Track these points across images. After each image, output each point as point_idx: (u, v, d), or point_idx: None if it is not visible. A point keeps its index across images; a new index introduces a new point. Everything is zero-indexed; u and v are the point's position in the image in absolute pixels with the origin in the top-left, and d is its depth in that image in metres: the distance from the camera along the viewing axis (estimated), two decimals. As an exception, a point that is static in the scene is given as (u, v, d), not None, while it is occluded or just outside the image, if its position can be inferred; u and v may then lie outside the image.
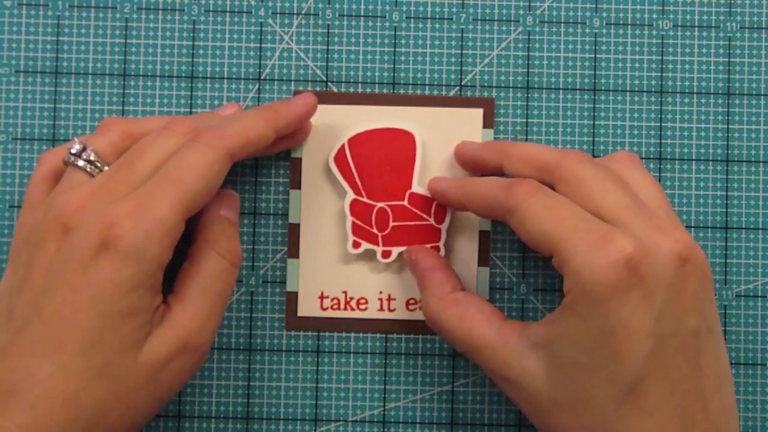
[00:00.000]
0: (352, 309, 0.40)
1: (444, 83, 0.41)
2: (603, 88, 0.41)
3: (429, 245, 0.40)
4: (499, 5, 0.41)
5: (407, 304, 0.40)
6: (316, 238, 0.40)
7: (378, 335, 0.41)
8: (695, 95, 0.41)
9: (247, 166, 0.41)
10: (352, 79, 0.41)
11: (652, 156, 0.41)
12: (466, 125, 0.40)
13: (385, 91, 0.41)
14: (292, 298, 0.40)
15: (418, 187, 0.40)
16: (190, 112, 0.41)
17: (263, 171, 0.41)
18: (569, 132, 0.41)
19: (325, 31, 0.41)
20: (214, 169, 0.35)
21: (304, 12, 0.41)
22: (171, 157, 0.35)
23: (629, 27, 0.41)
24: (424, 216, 0.40)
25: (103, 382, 0.33)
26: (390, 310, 0.40)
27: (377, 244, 0.40)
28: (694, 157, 0.41)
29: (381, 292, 0.40)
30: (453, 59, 0.41)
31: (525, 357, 0.34)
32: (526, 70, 0.41)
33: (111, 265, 0.32)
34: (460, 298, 0.37)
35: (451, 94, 0.41)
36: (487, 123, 0.40)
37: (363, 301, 0.40)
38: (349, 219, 0.40)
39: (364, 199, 0.40)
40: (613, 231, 0.32)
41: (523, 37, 0.41)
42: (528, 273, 0.41)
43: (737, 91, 0.41)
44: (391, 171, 0.40)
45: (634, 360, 0.31)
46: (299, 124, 0.39)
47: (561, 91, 0.41)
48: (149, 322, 0.34)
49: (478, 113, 0.40)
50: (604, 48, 0.41)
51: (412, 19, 0.41)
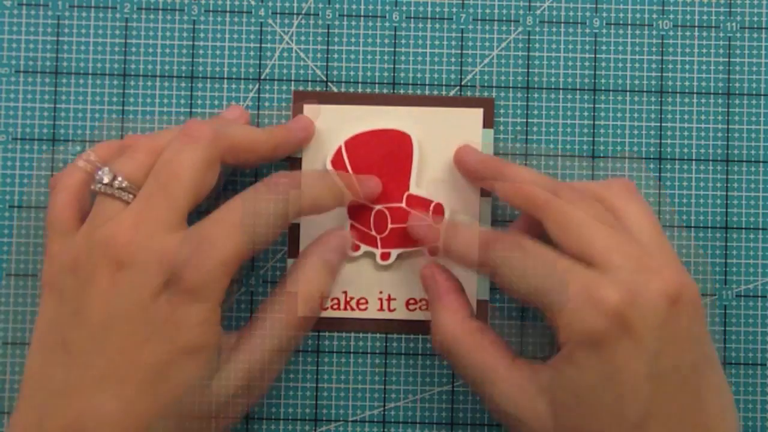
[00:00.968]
0: (352, 309, 0.40)
1: (444, 83, 0.41)
2: (603, 88, 0.41)
3: (428, 246, 0.40)
4: (499, 5, 0.41)
5: (407, 304, 0.40)
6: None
7: (378, 335, 0.41)
8: (695, 95, 0.41)
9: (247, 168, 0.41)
10: (352, 79, 0.41)
11: (652, 156, 0.41)
12: (466, 125, 0.40)
13: (385, 91, 0.41)
14: (292, 298, 0.40)
15: (416, 188, 0.40)
16: (190, 113, 0.41)
17: (264, 172, 0.41)
18: (569, 132, 0.41)
19: (325, 31, 0.41)
20: (281, 217, 0.35)
21: (304, 12, 0.41)
22: (206, 174, 0.35)
23: (629, 27, 0.41)
24: (422, 217, 0.40)
25: (171, 419, 0.33)
26: (390, 310, 0.40)
27: (376, 246, 0.40)
28: (694, 157, 0.41)
29: (381, 292, 0.40)
30: (453, 59, 0.41)
31: (534, 398, 0.34)
32: (526, 70, 0.41)
33: (174, 303, 0.32)
34: (477, 327, 0.36)
35: (451, 94, 0.41)
36: (487, 123, 0.40)
37: (363, 301, 0.40)
38: (348, 222, 0.40)
39: (363, 202, 0.40)
40: (597, 280, 0.32)
41: (523, 37, 0.41)
42: (528, 273, 0.41)
43: (737, 91, 0.41)
44: (388, 173, 0.40)
45: (636, 402, 0.32)
46: (298, 148, 0.40)
47: (561, 91, 0.41)
48: (215, 358, 0.34)
49: (478, 113, 0.40)
50: (604, 48, 0.41)
51: (412, 19, 0.41)
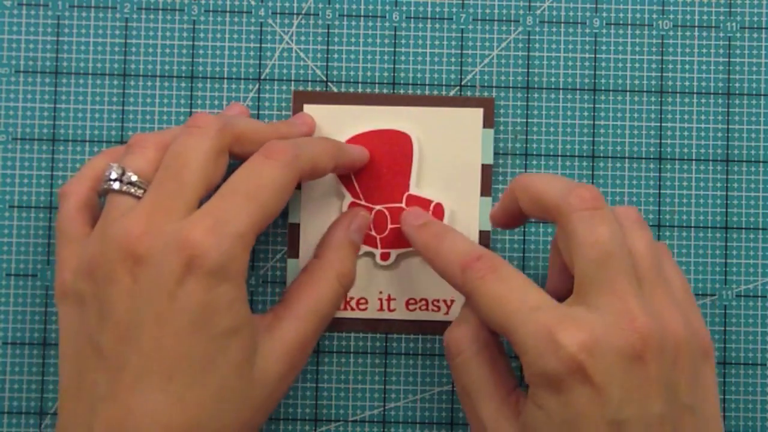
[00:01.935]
0: (352, 309, 0.40)
1: (444, 83, 0.41)
2: (603, 88, 0.41)
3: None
4: (499, 5, 0.41)
5: (407, 304, 0.40)
6: (316, 238, 0.40)
7: (378, 335, 0.41)
8: (695, 95, 0.41)
9: (247, 166, 0.41)
10: (352, 79, 0.41)
11: (652, 156, 0.41)
12: (465, 125, 0.40)
13: (385, 91, 0.41)
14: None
15: (416, 189, 0.40)
16: (190, 113, 0.41)
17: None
18: (569, 132, 0.41)
19: (325, 31, 0.41)
20: (288, 189, 0.34)
21: (304, 12, 0.41)
22: (215, 163, 0.34)
23: (629, 27, 0.41)
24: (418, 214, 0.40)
25: (225, 405, 0.32)
26: (390, 310, 0.40)
27: (376, 246, 0.40)
28: (694, 157, 0.41)
29: (381, 293, 0.40)
30: (453, 59, 0.41)
31: None
32: (526, 70, 0.41)
33: (201, 287, 0.32)
34: (491, 343, 0.35)
35: (451, 94, 0.41)
36: (488, 123, 0.40)
37: (363, 301, 0.40)
38: None
39: (362, 202, 0.40)
40: (560, 323, 0.31)
41: (523, 37, 0.41)
42: (528, 273, 0.41)
43: (737, 91, 0.41)
44: (388, 173, 0.40)
45: None
46: (352, 169, 0.40)
47: (561, 91, 0.41)
48: (253, 335, 0.34)
49: (478, 113, 0.40)
50: (604, 48, 0.41)
51: (412, 19, 0.41)
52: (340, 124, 0.40)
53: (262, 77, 0.41)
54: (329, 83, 0.41)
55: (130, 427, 0.31)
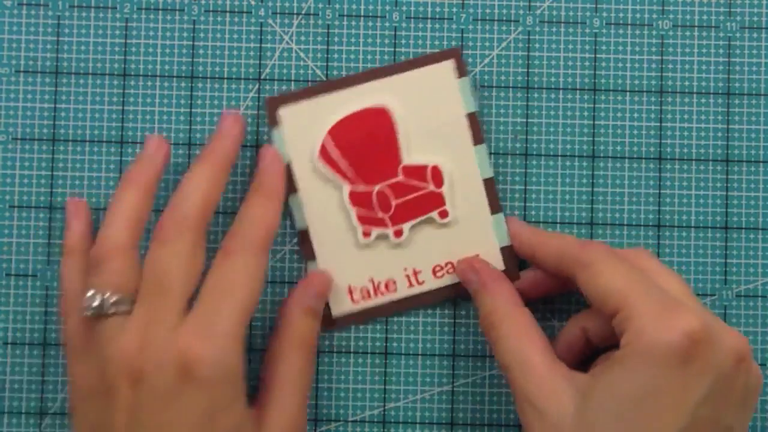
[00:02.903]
0: (382, 293, 0.40)
1: (444, 83, 0.41)
2: (603, 88, 0.41)
3: (437, 210, 0.40)
4: (499, 5, 0.41)
5: (434, 271, 0.40)
6: (327, 236, 0.40)
7: (378, 336, 0.41)
8: (695, 95, 0.41)
9: (243, 172, 0.41)
10: (352, 79, 0.41)
11: (652, 156, 0.41)
12: (439, 81, 0.40)
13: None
14: (331, 280, 0.40)
15: (408, 158, 0.40)
16: (190, 112, 0.41)
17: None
18: (569, 132, 0.41)
19: (325, 31, 0.41)
20: (260, 270, 0.36)
21: (304, 12, 0.41)
22: (196, 257, 0.35)
23: (629, 27, 0.41)
24: (423, 185, 0.40)
25: None
26: (419, 283, 0.40)
27: (386, 226, 0.40)
28: (694, 157, 0.41)
29: (406, 269, 0.40)
30: (453, 59, 0.41)
31: (566, 395, 0.34)
32: (526, 70, 0.41)
33: (198, 394, 0.33)
34: (528, 314, 0.37)
35: (451, 94, 0.41)
36: (460, 72, 0.40)
37: (391, 282, 0.40)
38: (352, 210, 0.40)
39: (361, 187, 0.40)
40: (682, 305, 0.33)
41: (523, 37, 0.41)
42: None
43: (737, 91, 0.41)
44: (377, 151, 0.40)
45: (665, 430, 0.32)
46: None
47: (561, 91, 0.41)
48: (252, 430, 0.35)
49: (449, 65, 0.40)
50: (604, 48, 0.41)
51: (412, 19, 0.41)
52: (317, 118, 0.40)
53: (262, 77, 0.41)
54: (329, 83, 0.41)
55: None
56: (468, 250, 0.40)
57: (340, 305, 0.40)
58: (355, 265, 0.40)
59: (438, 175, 0.40)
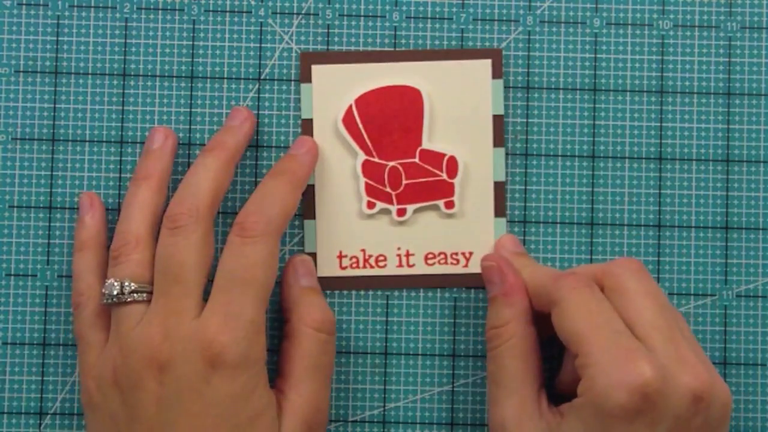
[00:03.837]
0: (371, 266, 0.40)
1: (444, 83, 0.41)
2: (603, 88, 0.41)
3: (444, 200, 0.40)
4: (499, 5, 0.41)
5: (426, 258, 0.40)
6: (332, 198, 0.40)
7: (378, 336, 0.41)
8: (695, 95, 0.41)
9: (247, 166, 0.41)
10: (352, 79, 0.41)
11: (652, 156, 0.41)
12: (474, 77, 0.40)
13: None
14: (311, 258, 0.40)
15: (428, 143, 0.40)
16: (190, 112, 0.41)
17: (262, 171, 0.41)
18: (569, 132, 0.41)
19: (325, 31, 0.41)
20: (274, 255, 0.36)
21: (304, 12, 0.41)
22: (208, 245, 0.36)
23: (629, 27, 0.41)
24: (436, 172, 0.40)
25: None
26: (409, 266, 0.40)
27: (392, 202, 0.40)
28: (694, 157, 0.41)
29: (399, 248, 0.40)
30: (453, 59, 0.41)
31: None
32: (526, 70, 0.41)
33: (225, 381, 0.33)
34: (535, 335, 0.37)
35: (451, 94, 0.41)
36: (496, 73, 0.40)
37: (381, 258, 0.40)
38: (362, 180, 0.40)
39: (376, 159, 0.40)
40: (638, 352, 0.32)
41: (523, 37, 0.41)
42: (528, 273, 0.41)
43: (737, 91, 0.41)
44: (400, 129, 0.40)
45: None
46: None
47: (561, 91, 0.41)
48: (275, 415, 0.35)
49: (487, 64, 0.40)
50: (604, 48, 0.41)
51: (412, 19, 0.41)
52: (349, 84, 0.40)
53: (262, 77, 0.41)
54: (329, 83, 0.41)
55: None
56: (464, 246, 0.40)
57: (327, 268, 0.40)
58: (351, 233, 0.40)
59: (453, 166, 0.40)
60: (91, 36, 0.41)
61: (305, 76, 0.41)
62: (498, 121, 0.40)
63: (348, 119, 0.40)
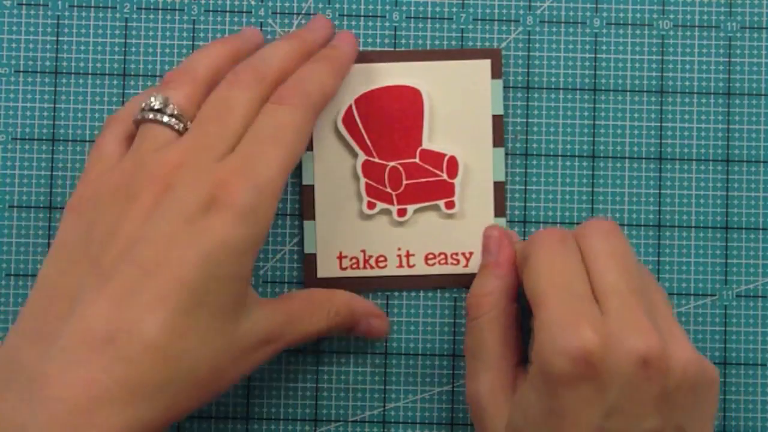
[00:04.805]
0: (371, 267, 0.40)
1: (444, 83, 0.41)
2: (603, 88, 0.41)
3: (444, 200, 0.40)
4: (499, 5, 0.41)
5: (426, 258, 0.40)
6: (332, 198, 0.40)
7: (377, 343, 0.41)
8: (695, 95, 0.41)
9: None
10: (352, 79, 0.41)
11: (652, 156, 0.41)
12: (473, 77, 0.40)
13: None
14: (311, 259, 0.40)
15: (429, 143, 0.40)
16: (190, 112, 0.41)
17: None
18: (569, 132, 0.41)
19: (325, 31, 0.41)
20: (307, 128, 0.35)
21: (304, 12, 0.41)
22: (257, 113, 0.34)
23: (629, 27, 0.41)
24: (437, 172, 0.40)
25: (206, 347, 0.31)
26: (409, 266, 0.40)
27: (392, 203, 0.40)
28: (694, 157, 0.41)
29: (399, 249, 0.40)
30: (453, 59, 0.41)
31: (506, 406, 0.34)
32: (526, 70, 0.41)
33: (223, 224, 0.31)
34: (516, 312, 0.37)
35: (451, 94, 0.41)
36: (495, 73, 0.40)
37: (382, 258, 0.40)
38: (362, 180, 0.40)
39: (376, 160, 0.40)
40: (586, 316, 0.31)
41: (523, 37, 0.41)
42: (528, 273, 0.41)
43: (737, 91, 0.41)
44: (400, 129, 0.40)
45: None
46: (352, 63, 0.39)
47: (561, 91, 0.41)
48: (246, 293, 0.33)
49: (486, 64, 0.40)
50: (604, 48, 0.41)
51: (412, 19, 0.41)
52: (348, 83, 0.40)
53: (262, 77, 0.41)
54: (329, 83, 0.41)
55: (107, 339, 0.29)
56: (465, 247, 0.40)
57: (327, 268, 0.40)
58: (351, 234, 0.40)
59: (453, 166, 0.40)
60: (91, 36, 0.41)
61: None
62: (498, 121, 0.40)
63: (348, 119, 0.40)
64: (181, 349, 0.30)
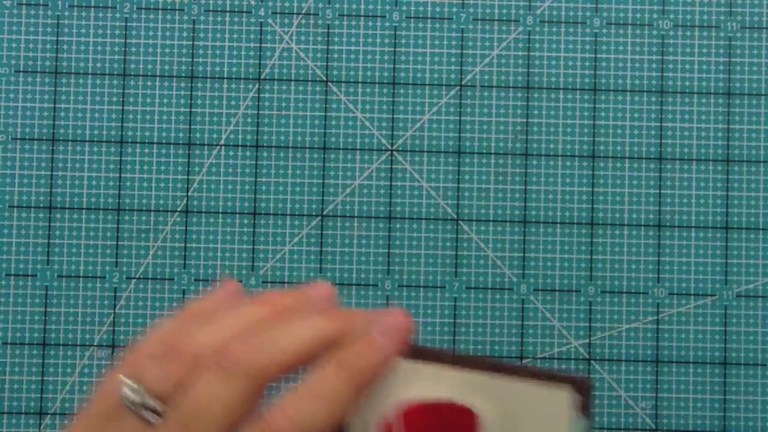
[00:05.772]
0: None
1: (444, 83, 0.41)
2: (603, 88, 0.41)
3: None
4: (499, 5, 0.41)
5: None
6: None
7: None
8: (695, 95, 0.41)
9: (247, 166, 0.41)
10: (352, 79, 0.41)
11: (652, 156, 0.41)
12: (550, 408, 0.29)
13: (385, 90, 0.41)
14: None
15: None
16: (190, 112, 0.41)
17: (263, 171, 0.41)
18: (569, 132, 0.41)
19: (325, 31, 0.41)
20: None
21: (304, 12, 0.41)
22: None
23: (629, 27, 0.41)
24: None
25: None
26: None
27: None
28: (694, 157, 0.41)
29: None
30: (453, 59, 0.41)
31: None
32: (526, 70, 0.41)
33: None
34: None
35: (452, 93, 0.41)
36: (581, 408, 0.28)
37: None
38: None
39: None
40: None
41: (523, 37, 0.41)
42: (528, 273, 0.41)
43: (737, 91, 0.41)
44: None
45: None
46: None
47: (561, 91, 0.41)
48: None
49: (568, 395, 0.29)
50: (604, 48, 0.41)
51: (412, 19, 0.41)
52: (396, 381, 0.29)
53: (262, 77, 0.41)
54: (329, 83, 0.41)
55: None
56: None
57: None
58: None
59: None
60: (91, 36, 0.41)
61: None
62: None
63: (386, 430, 0.29)
64: None
